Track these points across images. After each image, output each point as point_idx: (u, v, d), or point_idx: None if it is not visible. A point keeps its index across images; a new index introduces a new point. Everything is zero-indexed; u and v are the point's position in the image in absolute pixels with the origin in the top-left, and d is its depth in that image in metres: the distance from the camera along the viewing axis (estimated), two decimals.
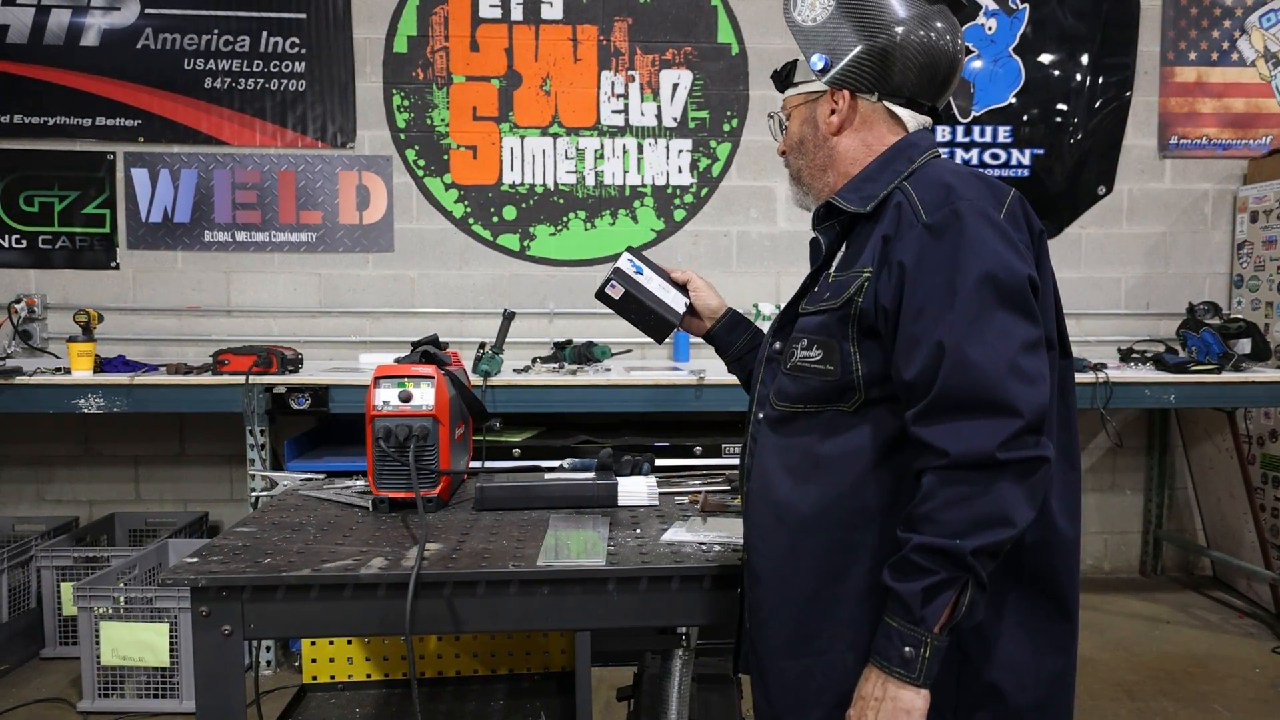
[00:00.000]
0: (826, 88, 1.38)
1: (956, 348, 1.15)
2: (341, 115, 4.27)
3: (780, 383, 1.37)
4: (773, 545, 1.34)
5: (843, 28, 1.34)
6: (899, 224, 1.25)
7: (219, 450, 4.34)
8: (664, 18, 4.33)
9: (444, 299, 4.36)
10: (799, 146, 1.44)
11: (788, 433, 1.35)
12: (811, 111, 1.41)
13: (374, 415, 1.90)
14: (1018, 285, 1.18)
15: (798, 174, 1.47)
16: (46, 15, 4.15)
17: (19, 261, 4.22)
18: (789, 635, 1.32)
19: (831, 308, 1.30)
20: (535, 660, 2.35)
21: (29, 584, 3.65)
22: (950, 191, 1.23)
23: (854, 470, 1.28)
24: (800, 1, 1.39)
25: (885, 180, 1.33)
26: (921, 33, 1.33)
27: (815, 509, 1.29)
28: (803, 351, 1.33)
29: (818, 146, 1.42)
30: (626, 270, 1.83)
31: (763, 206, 4.44)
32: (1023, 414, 1.13)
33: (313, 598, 1.51)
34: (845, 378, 1.27)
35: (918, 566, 1.15)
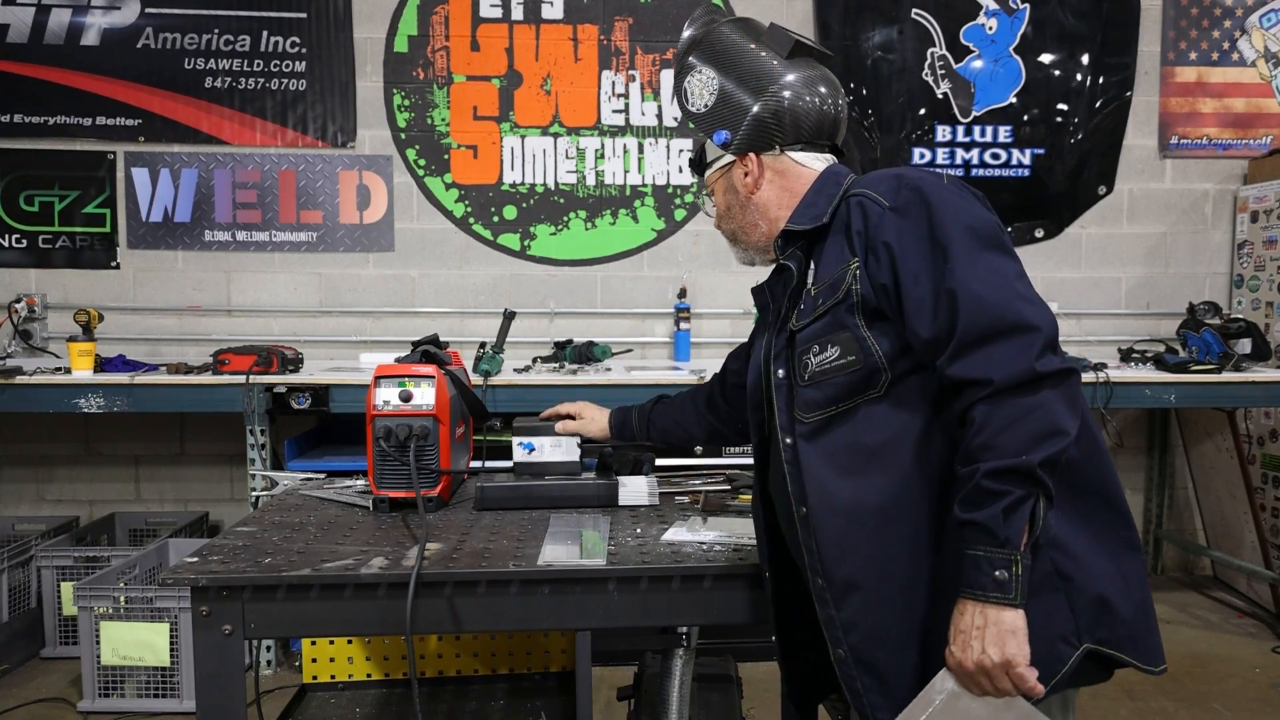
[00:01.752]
0: (732, 158, 1.55)
1: (965, 288, 1.25)
2: (342, 115, 4.27)
3: (803, 396, 1.41)
4: (856, 547, 1.35)
5: (729, 104, 1.52)
6: (866, 217, 1.37)
7: (219, 450, 4.34)
8: (664, 17, 4.33)
9: (444, 299, 4.36)
10: (727, 213, 1.61)
11: (827, 439, 1.39)
12: (729, 181, 1.57)
13: (374, 415, 1.90)
14: (993, 228, 1.32)
15: (733, 236, 1.63)
16: (47, 15, 4.15)
17: (19, 261, 4.22)
18: (904, 627, 1.34)
19: (834, 304, 1.37)
20: (536, 660, 2.35)
21: (29, 584, 3.65)
22: (900, 178, 1.38)
23: (908, 445, 1.33)
24: (689, 95, 1.57)
25: (825, 201, 1.46)
26: (797, 91, 1.50)
27: (884, 496, 1.33)
28: (818, 356, 1.39)
29: (743, 207, 1.57)
30: (522, 457, 2.02)
31: None
32: (1041, 328, 1.22)
33: (313, 597, 1.50)
34: (869, 362, 1.34)
35: (990, 492, 1.19)
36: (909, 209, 1.33)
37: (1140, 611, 1.33)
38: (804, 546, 1.40)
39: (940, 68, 4.43)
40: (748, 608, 1.58)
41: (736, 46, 1.54)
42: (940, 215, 1.30)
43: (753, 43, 1.54)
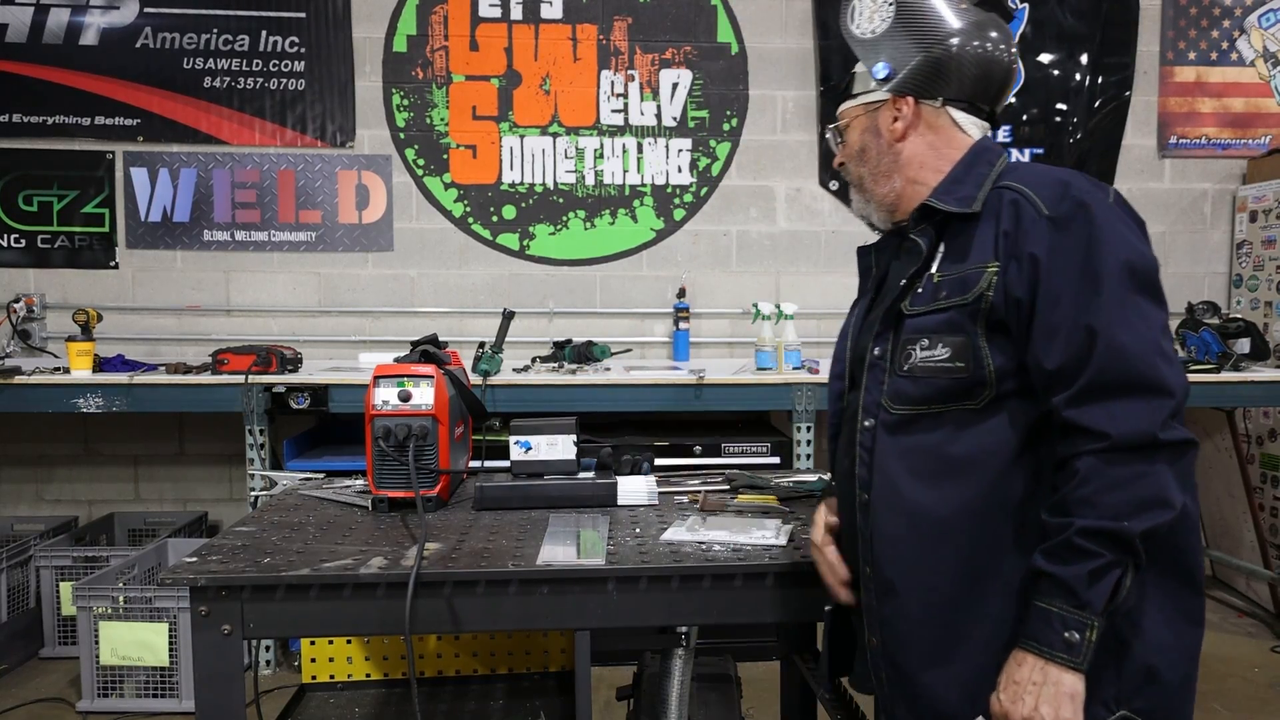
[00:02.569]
0: (887, 96, 1.42)
1: (1107, 332, 1.17)
2: (341, 114, 4.27)
3: (896, 386, 1.35)
4: (907, 553, 1.32)
5: (902, 38, 1.39)
6: (1019, 219, 1.27)
7: (218, 450, 4.34)
8: (664, 17, 4.33)
9: (443, 298, 4.36)
10: (860, 155, 1.46)
11: (910, 436, 1.34)
12: (873, 120, 1.44)
13: (373, 415, 1.90)
14: (1152, 272, 1.23)
15: (860, 181, 1.48)
16: (46, 14, 4.14)
17: (18, 261, 4.22)
18: (936, 642, 1.31)
19: (959, 304, 1.29)
20: (535, 660, 2.35)
21: (28, 584, 3.65)
22: (1067, 186, 1.27)
23: (992, 467, 1.28)
24: (858, 15, 1.43)
25: (974, 181, 1.35)
26: (977, 42, 1.38)
27: (953, 511, 1.29)
28: (925, 351, 1.32)
29: (880, 154, 1.44)
30: (519, 456, 2.02)
31: (762, 206, 4.44)
32: (1174, 394, 1.17)
33: (312, 597, 1.50)
34: (978, 373, 1.28)
35: (1081, 550, 1.15)
36: (1069, 224, 1.23)
37: (1185, 683, 1.29)
38: (858, 529, 1.38)
39: None
40: (747, 607, 1.58)
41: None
42: (1102, 242, 1.21)
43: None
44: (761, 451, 3.62)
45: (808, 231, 4.46)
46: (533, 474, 2.01)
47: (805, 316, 4.20)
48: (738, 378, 3.60)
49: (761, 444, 3.63)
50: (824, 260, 4.48)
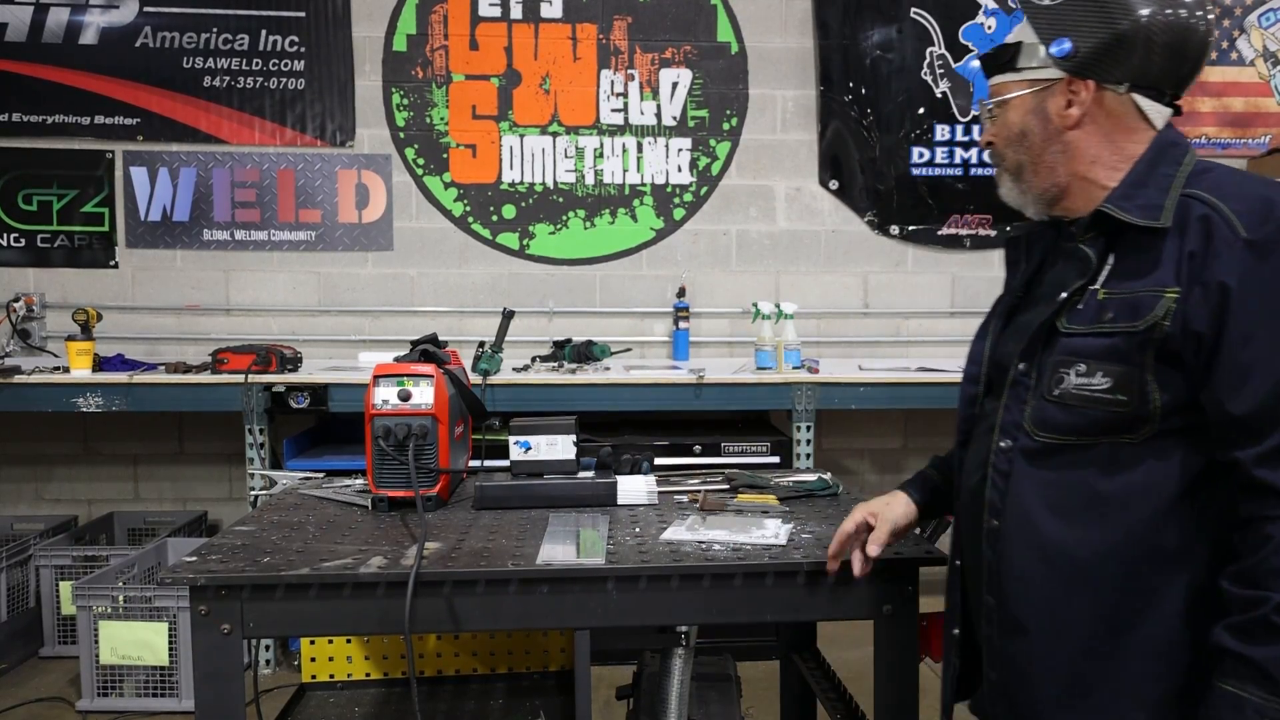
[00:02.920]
0: (1061, 75, 1.23)
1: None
2: (341, 114, 4.27)
3: (1043, 411, 1.22)
4: (1040, 592, 1.22)
5: (1088, 10, 1.20)
6: (1209, 239, 1.11)
7: (218, 449, 4.34)
8: (663, 16, 4.33)
9: (443, 298, 4.36)
10: (1020, 140, 1.30)
11: (1052, 467, 1.21)
12: (1040, 102, 1.26)
13: (373, 414, 1.90)
14: None
15: (1017, 170, 1.33)
16: (45, 13, 4.14)
17: (17, 260, 4.21)
18: (1062, 689, 1.21)
19: (1127, 330, 1.14)
20: (534, 659, 2.35)
21: (28, 583, 3.65)
22: (1273, 206, 1.11)
23: (1146, 509, 1.15)
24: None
25: (1158, 185, 1.19)
26: (1170, 10, 1.19)
27: (1096, 554, 1.17)
28: (1081, 378, 1.18)
29: (1048, 140, 1.27)
30: (518, 456, 2.01)
31: (762, 205, 4.44)
32: None
33: (312, 597, 1.50)
34: (1140, 408, 1.14)
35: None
36: (1272, 251, 1.08)
37: None
38: (983, 557, 1.28)
39: (939, 67, 4.43)
40: (747, 607, 1.58)
41: None
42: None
43: None
44: (761, 451, 3.62)
45: (807, 231, 4.46)
46: (532, 474, 2.01)
47: (805, 316, 4.20)
48: (737, 377, 3.60)
49: (761, 443, 3.63)
50: (824, 260, 4.47)
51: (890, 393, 3.70)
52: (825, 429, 4.05)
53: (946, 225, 4.48)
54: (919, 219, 4.47)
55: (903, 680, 1.58)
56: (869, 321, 4.49)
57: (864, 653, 1.60)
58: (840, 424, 4.44)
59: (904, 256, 4.49)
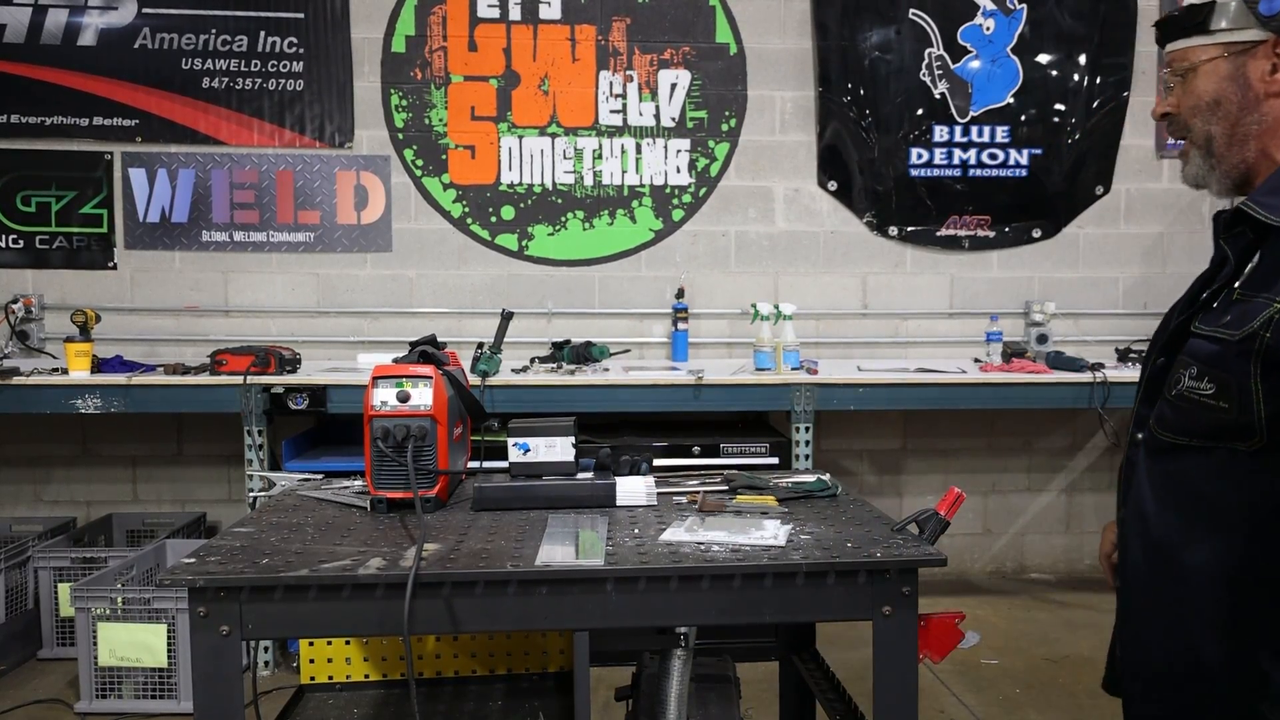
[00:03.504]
0: (1266, 36, 1.14)
1: None
2: (339, 115, 4.27)
3: (1163, 409, 1.20)
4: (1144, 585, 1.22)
5: None
6: None
7: (217, 450, 4.34)
8: (662, 17, 4.33)
9: (442, 299, 4.36)
10: (1213, 108, 1.20)
11: (1169, 466, 1.19)
12: (1239, 67, 1.16)
13: (372, 415, 1.90)
14: None
15: (1206, 142, 1.22)
16: (44, 14, 4.14)
17: (16, 261, 4.21)
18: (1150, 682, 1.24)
19: (1230, 338, 1.11)
20: (534, 660, 2.35)
21: (26, 585, 3.64)
22: None
23: (1257, 520, 1.10)
24: None
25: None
26: None
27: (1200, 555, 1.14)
28: (1191, 381, 1.15)
29: (1246, 109, 1.17)
30: (517, 458, 2.00)
31: (761, 206, 4.44)
32: None
33: (311, 598, 1.50)
34: (1243, 417, 1.09)
35: None
36: None
37: None
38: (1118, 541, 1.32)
39: (938, 68, 4.43)
40: (746, 608, 1.58)
41: None
42: None
43: None
44: (760, 452, 3.62)
45: (806, 232, 4.46)
46: (531, 475, 2.01)
47: (804, 317, 4.20)
48: (736, 378, 3.60)
49: (760, 444, 3.63)
50: (822, 260, 4.48)
51: (889, 394, 3.70)
52: (824, 430, 4.05)
53: (945, 226, 4.48)
54: (918, 220, 4.48)
55: (902, 681, 1.58)
56: (868, 322, 4.49)
57: (863, 653, 1.60)
58: (839, 425, 4.44)
59: (902, 257, 4.50)
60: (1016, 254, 4.53)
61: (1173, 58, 1.25)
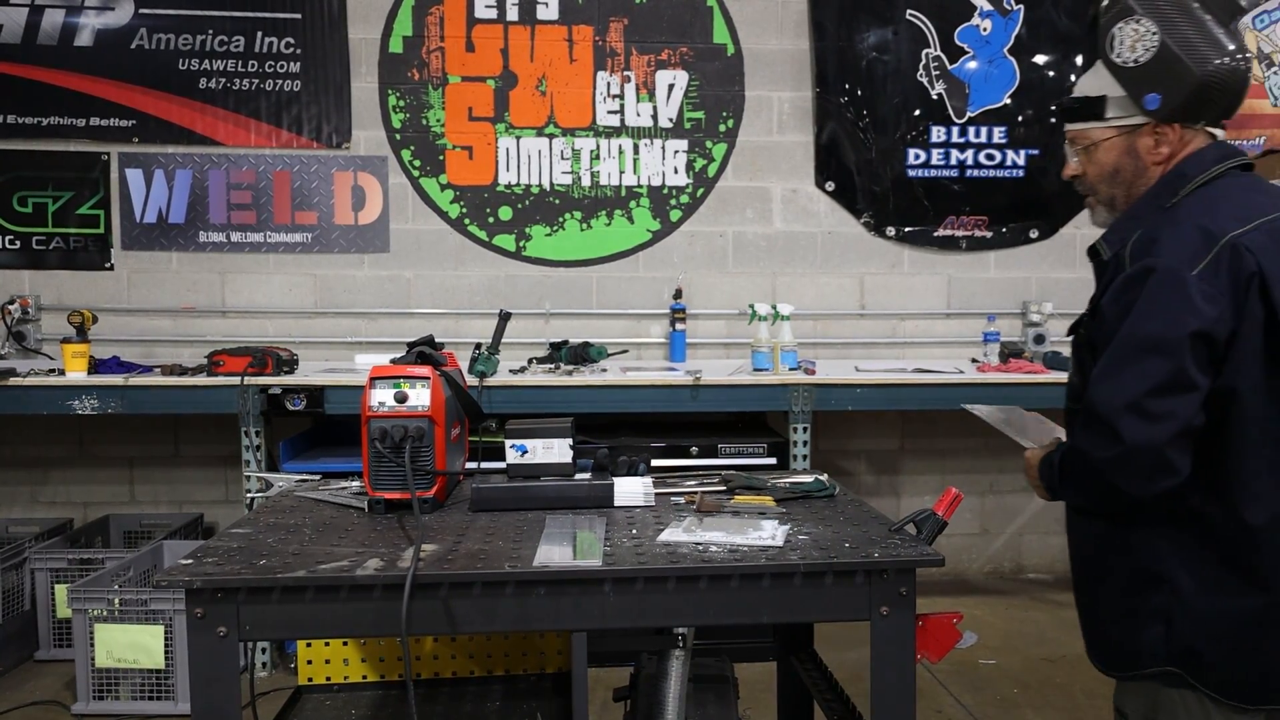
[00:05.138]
0: (1145, 120, 1.47)
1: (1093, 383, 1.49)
2: (337, 116, 4.27)
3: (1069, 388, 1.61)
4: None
5: (1170, 67, 1.43)
6: (1116, 274, 1.45)
7: (214, 451, 4.33)
8: (659, 18, 4.33)
9: (440, 300, 4.36)
10: (1114, 176, 1.54)
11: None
12: (1131, 143, 1.51)
13: (370, 416, 1.90)
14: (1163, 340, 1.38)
15: (1111, 201, 1.57)
16: (40, 15, 4.13)
17: (13, 262, 4.21)
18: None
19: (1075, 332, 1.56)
20: (531, 661, 2.35)
21: (23, 586, 3.64)
22: (1153, 246, 1.41)
23: None
24: (1119, 44, 1.46)
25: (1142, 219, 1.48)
26: (1238, 60, 1.46)
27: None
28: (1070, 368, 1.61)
29: (1138, 175, 1.52)
30: (514, 459, 2.01)
31: (758, 207, 4.45)
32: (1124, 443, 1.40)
33: (308, 599, 1.50)
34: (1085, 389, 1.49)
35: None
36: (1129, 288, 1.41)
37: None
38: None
39: (935, 68, 4.43)
40: (744, 608, 1.58)
41: (1182, 3, 1.45)
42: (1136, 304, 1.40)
43: (1196, 1, 1.46)
44: (758, 452, 3.62)
45: (804, 232, 4.47)
46: (529, 476, 2.01)
47: (801, 317, 4.20)
48: (734, 378, 3.60)
49: (758, 445, 3.64)
50: (820, 261, 4.48)
51: (887, 394, 3.70)
52: (822, 430, 4.05)
53: (942, 226, 4.49)
54: (915, 220, 4.48)
55: (900, 681, 1.58)
56: (865, 323, 4.49)
57: (861, 654, 1.60)
58: (837, 425, 4.44)
59: (900, 258, 4.50)
60: (1014, 254, 4.54)
61: (1075, 136, 1.58)
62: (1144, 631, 1.49)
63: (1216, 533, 1.45)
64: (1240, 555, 1.44)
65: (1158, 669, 1.48)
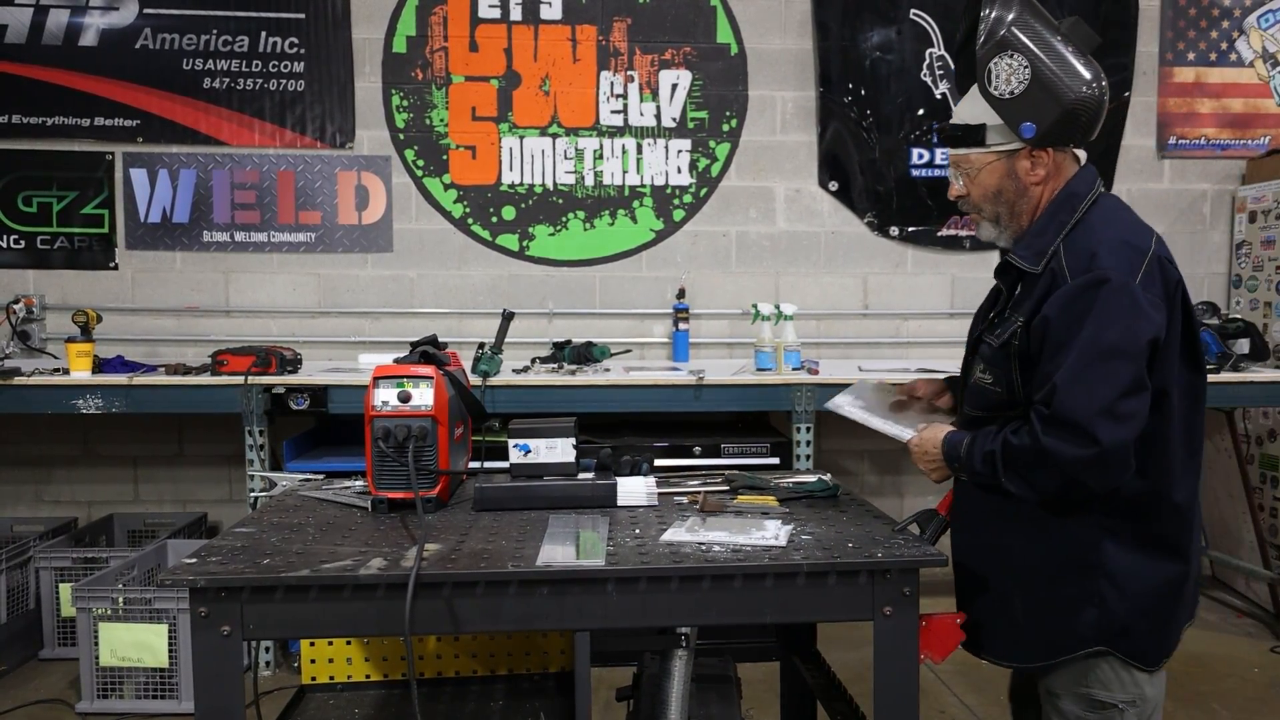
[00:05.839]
0: (1023, 145, 1.62)
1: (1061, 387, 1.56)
2: (340, 115, 4.27)
3: (968, 393, 1.75)
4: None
5: (1041, 96, 1.58)
6: (1052, 286, 1.57)
7: (218, 451, 4.34)
8: (663, 18, 4.33)
9: (443, 299, 4.36)
10: (996, 196, 1.69)
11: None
12: (1010, 165, 1.66)
13: (373, 415, 1.90)
14: (1124, 345, 1.51)
15: (996, 218, 1.72)
16: (45, 15, 4.14)
17: (17, 262, 4.22)
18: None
19: (1004, 342, 1.64)
20: (534, 660, 2.35)
21: (27, 585, 3.65)
22: (1093, 259, 1.54)
23: None
24: (995, 78, 1.61)
25: (1053, 232, 1.62)
26: (1096, 87, 1.60)
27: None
28: (980, 374, 1.69)
29: (1019, 194, 1.67)
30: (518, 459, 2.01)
31: (762, 206, 4.44)
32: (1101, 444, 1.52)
33: (312, 598, 1.50)
34: (1010, 397, 1.64)
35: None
36: (1079, 297, 1.53)
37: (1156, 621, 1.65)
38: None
39: (939, 68, 4.43)
40: (747, 608, 1.58)
41: (1045, 38, 1.58)
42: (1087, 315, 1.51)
43: (1058, 35, 1.59)
44: (761, 452, 3.62)
45: (807, 232, 4.46)
46: (532, 475, 2.01)
47: (805, 317, 4.20)
48: (737, 378, 3.60)
49: (761, 444, 3.63)
50: (823, 261, 4.48)
51: None
52: (825, 430, 4.04)
53: (946, 226, 4.48)
54: (918, 220, 4.47)
55: (903, 681, 1.58)
56: (868, 322, 4.49)
57: (864, 654, 1.60)
58: (840, 425, 4.41)
59: (903, 258, 4.50)
60: None
61: (958, 160, 1.72)
62: (1077, 616, 1.62)
63: (1149, 514, 1.61)
64: (1168, 532, 1.63)
65: (1088, 650, 1.62)
